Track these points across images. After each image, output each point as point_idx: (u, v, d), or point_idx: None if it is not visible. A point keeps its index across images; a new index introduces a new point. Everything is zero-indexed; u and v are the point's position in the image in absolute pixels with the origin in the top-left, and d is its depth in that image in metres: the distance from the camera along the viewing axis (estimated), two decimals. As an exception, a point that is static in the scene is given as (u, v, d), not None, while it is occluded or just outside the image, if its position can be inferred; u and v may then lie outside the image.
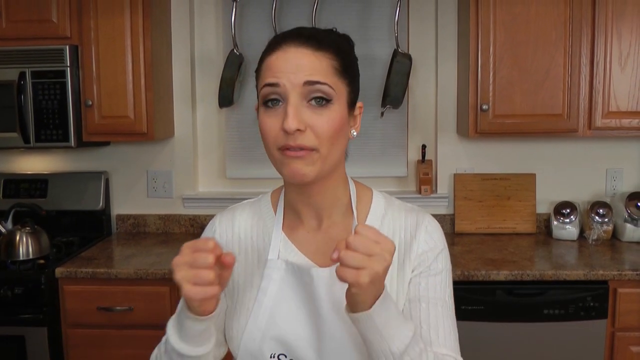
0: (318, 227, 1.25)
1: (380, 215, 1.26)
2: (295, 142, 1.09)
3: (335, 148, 1.14)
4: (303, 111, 1.10)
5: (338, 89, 1.13)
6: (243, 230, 1.30)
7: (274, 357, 1.19)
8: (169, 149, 3.25)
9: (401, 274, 1.21)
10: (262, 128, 1.13)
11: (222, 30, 3.22)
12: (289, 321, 1.19)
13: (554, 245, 2.94)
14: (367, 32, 3.17)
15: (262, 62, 1.16)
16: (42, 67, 2.78)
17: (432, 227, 1.25)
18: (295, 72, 1.10)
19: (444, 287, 1.22)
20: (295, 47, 1.12)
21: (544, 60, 2.73)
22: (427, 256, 1.22)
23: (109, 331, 2.65)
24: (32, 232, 2.74)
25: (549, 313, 2.52)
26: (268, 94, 1.12)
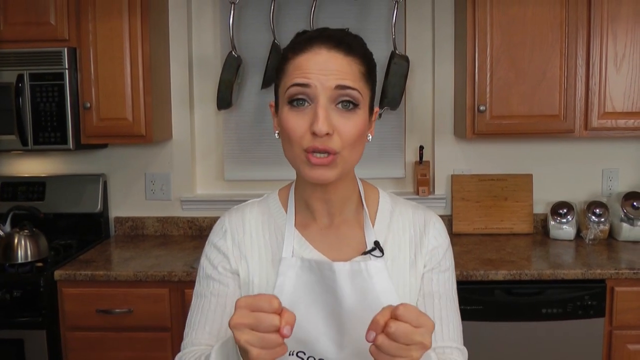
0: (330, 223, 1.26)
1: (388, 212, 1.29)
2: (322, 144, 1.10)
3: (355, 151, 1.16)
4: (332, 115, 1.11)
5: (364, 94, 1.15)
6: (254, 229, 1.29)
7: (293, 355, 1.20)
8: (167, 151, 3.26)
9: (413, 269, 1.25)
10: (286, 127, 1.14)
11: (220, 33, 3.22)
12: (307, 318, 1.19)
13: (551, 245, 2.96)
14: (365, 34, 3.09)
15: (288, 60, 1.16)
16: (41, 69, 2.78)
17: (439, 225, 1.31)
18: (326, 75, 1.11)
19: (451, 282, 1.29)
20: (327, 49, 1.13)
21: (541, 62, 2.76)
22: (437, 252, 1.27)
23: (108, 334, 2.65)
24: (30, 235, 2.74)
25: (547, 312, 2.53)
26: (296, 93, 1.12)
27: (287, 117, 1.13)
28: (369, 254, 1.22)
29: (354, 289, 1.18)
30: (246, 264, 1.27)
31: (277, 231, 1.27)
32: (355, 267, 1.19)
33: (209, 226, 3.27)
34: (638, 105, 2.76)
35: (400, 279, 1.23)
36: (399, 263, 1.24)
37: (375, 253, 1.22)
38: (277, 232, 1.27)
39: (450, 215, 3.18)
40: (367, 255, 1.21)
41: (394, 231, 1.27)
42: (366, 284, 1.19)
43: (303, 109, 1.12)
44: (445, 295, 1.26)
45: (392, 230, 1.27)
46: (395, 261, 1.24)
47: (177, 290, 2.63)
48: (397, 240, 1.26)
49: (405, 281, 1.24)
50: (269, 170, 3.28)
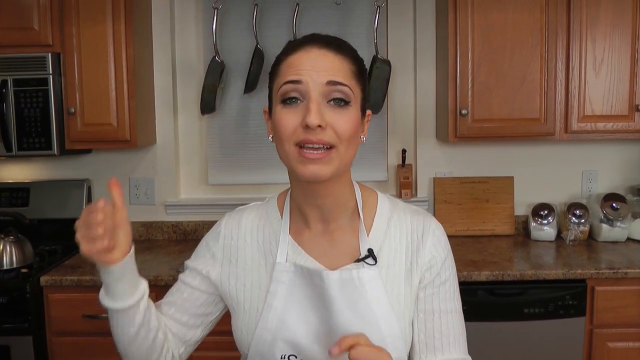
0: (324, 230, 1.27)
1: (386, 218, 1.28)
2: (315, 137, 1.11)
3: (350, 149, 1.17)
4: (324, 110, 1.13)
5: (355, 92, 1.17)
6: (249, 233, 1.32)
7: (285, 358, 1.22)
8: (151, 156, 3.26)
9: (409, 278, 1.24)
10: (279, 124, 1.15)
11: (203, 38, 3.23)
12: (299, 322, 1.22)
13: (532, 246, 3.01)
14: (347, 39, 3.07)
15: (281, 62, 1.19)
16: (24, 74, 2.77)
17: (439, 233, 1.30)
18: (317, 71, 1.13)
19: (452, 293, 1.28)
20: (318, 48, 1.16)
21: (521, 66, 2.81)
22: (435, 265, 1.26)
23: (95, 339, 2.64)
24: (15, 241, 2.73)
25: (529, 312, 2.58)
26: (288, 91, 1.14)
27: (279, 114, 1.15)
28: (363, 261, 1.22)
29: (344, 297, 1.19)
30: (235, 268, 1.30)
31: (272, 236, 1.29)
32: (346, 275, 1.20)
33: (193, 230, 3.28)
34: (617, 108, 2.82)
35: (394, 288, 1.23)
36: (394, 271, 1.24)
37: (368, 261, 1.22)
38: (271, 237, 1.29)
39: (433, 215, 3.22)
40: (360, 263, 1.22)
41: (390, 238, 1.26)
42: (357, 292, 1.20)
43: (295, 106, 1.14)
44: (446, 308, 1.26)
45: (389, 237, 1.26)
46: (390, 269, 1.24)
47: (162, 294, 2.59)
48: (393, 247, 1.25)
49: (400, 290, 1.23)
50: (252, 174, 3.29)
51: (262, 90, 3.21)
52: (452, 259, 1.30)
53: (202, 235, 3.35)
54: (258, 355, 1.25)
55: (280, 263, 1.25)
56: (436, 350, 1.24)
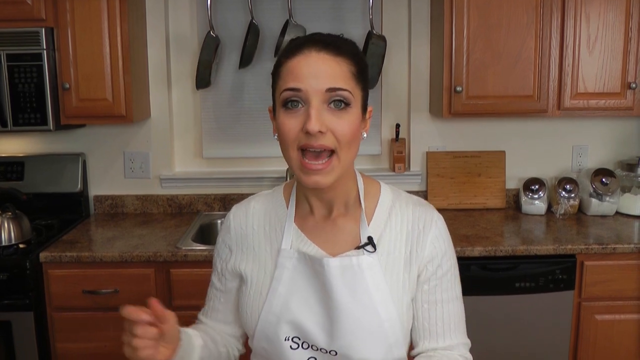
0: (327, 218, 1.32)
1: (387, 207, 1.33)
2: (317, 142, 1.15)
3: (351, 150, 1.21)
4: (324, 114, 1.16)
5: (355, 94, 1.20)
6: (256, 221, 1.38)
7: (288, 340, 1.28)
8: (146, 130, 3.25)
9: (407, 265, 1.29)
10: (281, 129, 1.19)
11: (197, 12, 3.20)
12: (302, 307, 1.27)
13: (523, 220, 3.07)
14: (342, 14, 3.20)
15: (281, 65, 1.21)
16: (18, 49, 2.73)
17: (440, 225, 1.33)
18: (317, 77, 1.16)
19: (453, 281, 1.33)
20: (317, 51, 1.18)
21: (516, 43, 2.82)
22: (436, 257, 1.31)
23: (95, 314, 2.68)
24: (13, 217, 2.73)
25: (520, 286, 2.65)
26: (289, 97, 1.17)
27: (282, 119, 1.18)
28: (362, 248, 1.27)
29: (344, 283, 1.25)
30: (245, 254, 1.37)
31: (278, 224, 1.36)
32: (346, 262, 1.25)
33: (188, 204, 3.30)
34: (609, 86, 2.86)
35: (393, 274, 1.28)
36: (393, 258, 1.29)
37: (368, 248, 1.27)
38: (277, 225, 1.36)
39: (426, 191, 3.27)
40: (360, 250, 1.27)
41: (391, 227, 1.31)
42: (357, 278, 1.25)
43: (297, 110, 1.17)
44: (448, 297, 1.32)
45: (389, 226, 1.31)
46: (390, 256, 1.29)
47: (162, 271, 2.67)
48: (393, 236, 1.30)
49: (399, 276, 1.28)
50: (246, 147, 3.31)
51: (257, 65, 3.21)
52: (452, 249, 1.35)
53: (196, 208, 3.39)
54: (263, 336, 1.31)
55: (284, 250, 1.31)
56: (438, 337, 1.31)
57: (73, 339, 2.70)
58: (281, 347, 1.28)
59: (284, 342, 1.28)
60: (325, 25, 3.16)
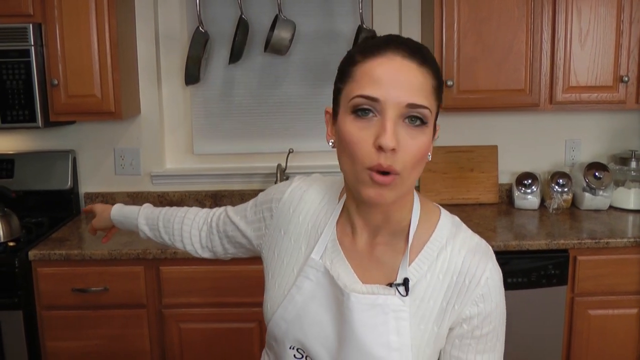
0: (369, 241, 1.20)
1: (438, 247, 1.17)
2: (386, 162, 1.02)
3: (415, 172, 1.08)
4: (398, 130, 1.03)
5: (433, 112, 1.08)
6: (306, 211, 1.28)
7: (293, 349, 1.23)
8: (136, 126, 3.23)
9: (440, 317, 1.15)
10: (349, 139, 1.05)
11: (186, 7, 3.18)
12: (313, 324, 1.20)
13: (516, 214, 3.05)
14: (331, 8, 3.18)
15: (356, 63, 1.08)
16: (5, 46, 2.71)
17: (491, 283, 1.15)
18: (399, 88, 1.03)
19: (492, 345, 1.18)
20: (402, 57, 1.05)
21: (507, 37, 2.81)
22: (476, 317, 1.15)
23: (85, 312, 2.67)
24: (2, 215, 2.71)
25: (513, 281, 2.63)
26: (361, 104, 1.04)
27: (350, 128, 1.06)
28: (395, 287, 1.14)
29: (364, 317, 1.14)
30: (282, 240, 1.30)
31: (322, 224, 1.25)
32: (370, 300, 1.14)
33: (179, 200, 3.28)
34: (601, 79, 2.84)
35: (421, 324, 1.15)
36: (426, 306, 1.15)
37: (400, 290, 1.14)
38: (320, 225, 1.25)
39: (418, 187, 3.25)
40: (392, 288, 1.14)
41: (434, 272, 1.15)
42: (380, 317, 1.14)
43: (368, 119, 1.04)
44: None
45: (432, 271, 1.15)
46: (423, 303, 1.15)
47: (152, 268, 2.65)
48: (433, 282, 1.15)
49: (427, 327, 1.15)
50: (237, 143, 3.29)
51: (247, 60, 3.19)
52: (501, 309, 1.17)
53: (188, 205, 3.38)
54: (272, 337, 1.27)
55: (313, 259, 1.21)
56: None
57: (63, 338, 2.68)
58: (286, 353, 1.24)
59: (289, 350, 1.24)
60: (315, 20, 3.15)
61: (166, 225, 1.62)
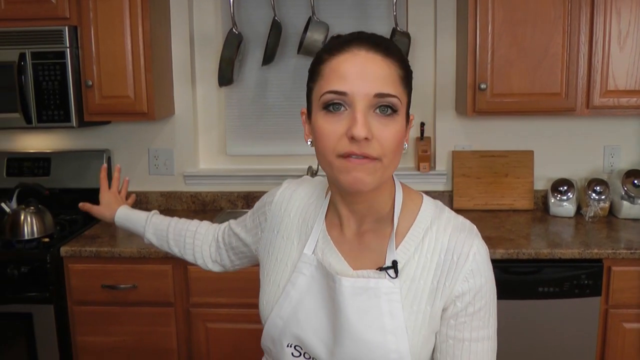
0: (356, 230, 1.22)
1: (423, 229, 1.19)
2: (360, 149, 1.04)
3: (395, 159, 1.10)
4: (370, 119, 1.06)
5: (403, 100, 1.10)
6: (295, 209, 1.32)
7: (291, 347, 1.24)
8: (170, 127, 3.28)
9: (432, 296, 1.16)
10: (320, 133, 1.09)
11: (221, 9, 3.21)
12: (309, 317, 1.21)
13: (551, 222, 2.97)
14: (366, 11, 3.15)
15: (323, 61, 1.11)
16: (42, 48, 2.79)
17: (479, 258, 1.16)
18: (365, 80, 1.06)
19: (486, 320, 1.18)
20: (366, 50, 1.08)
21: (543, 39, 2.73)
22: (467, 293, 1.15)
23: (114, 308, 2.72)
24: (36, 211, 2.78)
25: (544, 291, 2.56)
26: (331, 99, 1.07)
27: (321, 122, 1.09)
28: (385, 271, 1.16)
29: (355, 304, 1.16)
30: (275, 239, 1.33)
31: (311, 220, 1.29)
32: (361, 283, 1.16)
33: (212, 201, 3.31)
34: (641, 83, 2.74)
35: (414, 305, 1.16)
36: (417, 286, 1.16)
37: (390, 273, 1.15)
38: (310, 221, 1.29)
39: (451, 192, 3.20)
40: (382, 272, 1.16)
41: (422, 252, 1.17)
42: (371, 301, 1.15)
43: (339, 113, 1.07)
44: (478, 336, 1.17)
45: (420, 251, 1.17)
46: (414, 283, 1.16)
47: (180, 267, 2.68)
48: (422, 262, 1.17)
49: (420, 307, 1.16)
50: (270, 145, 3.30)
51: (280, 62, 3.20)
52: (490, 284, 1.19)
53: (220, 206, 3.39)
54: (269, 337, 1.28)
55: (305, 254, 1.24)
56: None
57: (92, 333, 2.75)
58: (283, 353, 1.25)
59: (287, 348, 1.24)
60: (349, 22, 3.12)
61: (177, 239, 1.67)
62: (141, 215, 1.75)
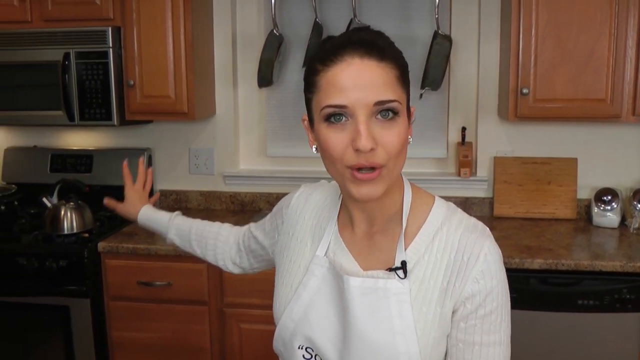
0: (367, 231, 1.22)
1: (433, 230, 1.18)
2: (367, 161, 1.05)
3: (400, 160, 1.11)
4: (373, 128, 1.06)
5: (402, 101, 1.10)
6: (310, 211, 1.34)
7: (302, 349, 1.24)
8: (211, 127, 3.31)
9: (442, 297, 1.14)
10: (326, 144, 1.08)
11: (264, 10, 3.22)
12: (320, 319, 1.21)
13: (594, 232, 2.86)
14: (408, 13, 3.11)
15: (318, 72, 1.10)
16: (86, 47, 2.86)
17: (490, 259, 1.13)
18: (363, 90, 1.05)
19: (497, 324, 1.15)
20: (360, 58, 1.07)
21: (588, 43, 2.64)
22: (477, 295, 1.13)
23: (149, 305, 2.77)
24: (76, 207, 2.86)
25: (583, 304, 2.47)
26: (332, 112, 1.07)
27: (325, 135, 1.09)
28: (394, 271, 1.15)
29: (364, 304, 1.15)
30: (290, 241, 1.34)
31: (325, 222, 1.30)
32: (370, 283, 1.16)
33: (250, 201, 3.32)
34: (691, 90, 2.62)
35: (423, 306, 1.14)
36: (426, 287, 1.15)
37: (399, 273, 1.15)
38: (323, 223, 1.30)
39: (492, 198, 3.12)
40: (391, 273, 1.15)
41: (432, 252, 1.16)
42: (380, 302, 1.15)
43: (342, 124, 1.07)
44: (489, 341, 1.14)
45: (430, 251, 1.16)
46: (423, 284, 1.15)
47: (215, 266, 2.66)
48: (432, 262, 1.16)
49: (429, 308, 1.14)
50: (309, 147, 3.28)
51: (321, 63, 3.17)
52: (503, 287, 1.15)
53: (259, 207, 3.41)
54: (280, 339, 1.28)
55: (317, 256, 1.25)
56: None
57: (127, 328, 2.80)
58: (294, 355, 1.25)
59: (298, 350, 1.24)
60: (391, 25, 3.08)
61: (199, 240, 1.71)
62: (164, 215, 1.77)
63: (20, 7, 2.92)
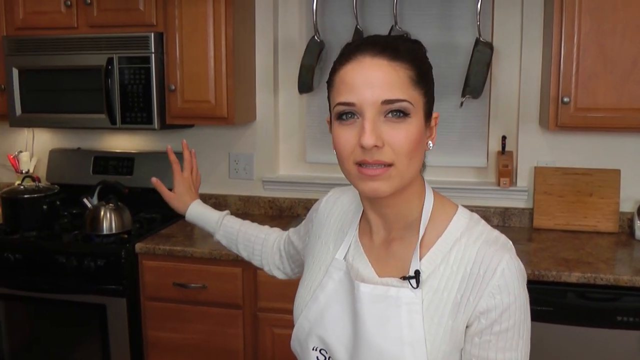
0: (385, 237, 1.22)
1: (452, 240, 1.15)
2: (372, 157, 1.06)
3: (412, 162, 1.10)
4: (380, 126, 1.07)
5: (415, 102, 1.09)
6: (337, 214, 1.36)
7: (316, 350, 1.25)
8: (251, 132, 3.34)
9: (455, 310, 1.12)
10: (336, 142, 1.11)
11: (306, 16, 3.24)
12: (334, 322, 1.22)
13: (636, 247, 2.77)
14: (450, 21, 3.09)
15: (335, 72, 1.13)
16: (129, 53, 2.93)
17: (508, 274, 1.10)
18: (371, 88, 1.06)
19: (514, 342, 1.11)
20: (371, 57, 1.08)
21: (632, 51, 2.56)
22: (493, 310, 1.10)
23: (184, 306, 2.80)
24: (115, 208, 2.92)
25: (622, 320, 2.38)
26: (342, 111, 1.09)
27: (336, 132, 1.11)
28: (408, 280, 1.14)
29: (374, 312, 1.15)
30: (316, 243, 1.37)
31: (347, 226, 1.32)
32: (381, 291, 1.15)
33: (289, 207, 3.34)
34: None
35: (435, 317, 1.12)
36: (439, 299, 1.13)
37: (412, 282, 1.13)
38: (346, 227, 1.32)
39: (532, 209, 3.05)
40: (405, 281, 1.14)
41: (448, 263, 1.14)
42: (390, 310, 1.14)
43: (352, 122, 1.09)
44: (504, 359, 1.11)
45: (446, 262, 1.14)
46: (437, 295, 1.13)
47: (249, 270, 2.71)
48: (447, 274, 1.13)
49: (442, 320, 1.12)
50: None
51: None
52: (522, 304, 1.11)
53: (297, 212, 3.43)
54: (297, 339, 1.31)
55: (336, 259, 1.26)
56: None
57: (163, 328, 2.83)
58: (309, 356, 1.26)
59: (312, 352, 1.25)
60: (432, 32, 3.06)
61: (246, 244, 1.72)
62: (213, 215, 1.76)
63: (67, 13, 3.02)
